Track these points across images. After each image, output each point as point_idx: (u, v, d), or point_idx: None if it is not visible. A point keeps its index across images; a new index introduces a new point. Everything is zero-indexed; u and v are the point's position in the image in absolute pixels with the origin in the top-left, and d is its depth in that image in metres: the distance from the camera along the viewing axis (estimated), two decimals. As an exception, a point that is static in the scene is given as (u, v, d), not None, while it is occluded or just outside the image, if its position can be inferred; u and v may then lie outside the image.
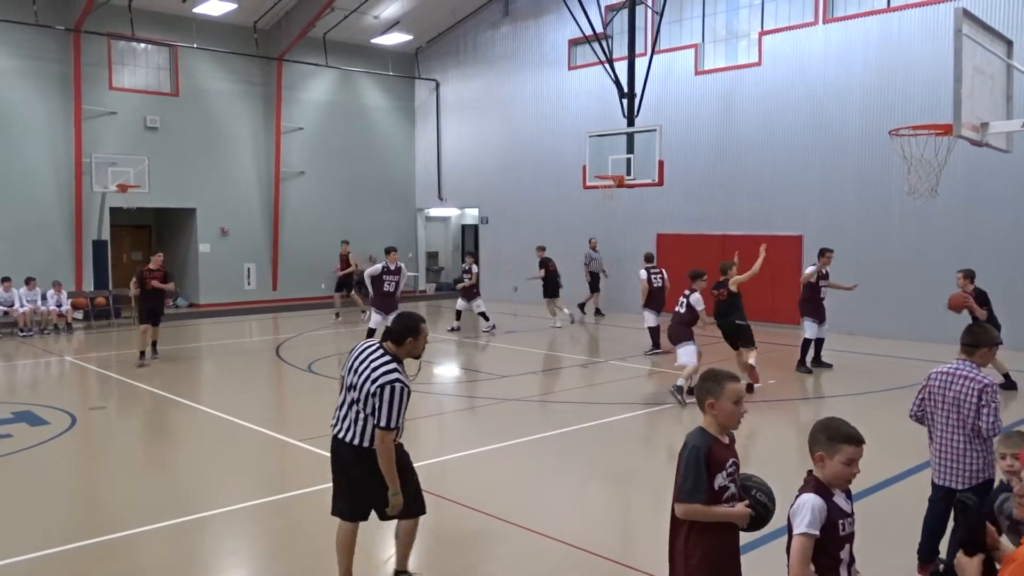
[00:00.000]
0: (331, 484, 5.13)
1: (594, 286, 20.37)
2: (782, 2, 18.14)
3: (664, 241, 20.00)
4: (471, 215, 27.31)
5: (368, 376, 4.76)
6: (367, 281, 14.48)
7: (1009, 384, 11.17)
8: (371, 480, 4.84)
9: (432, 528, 6.54)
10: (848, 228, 16.76)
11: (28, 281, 17.96)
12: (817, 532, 3.28)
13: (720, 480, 3.63)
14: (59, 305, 18.20)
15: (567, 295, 20.36)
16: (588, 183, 16.31)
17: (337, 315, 20.14)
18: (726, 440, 3.73)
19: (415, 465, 8.12)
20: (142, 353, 13.81)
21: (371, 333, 13.55)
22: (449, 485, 7.48)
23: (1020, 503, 3.23)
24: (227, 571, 5.98)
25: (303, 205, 24.39)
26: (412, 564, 5.46)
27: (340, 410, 4.97)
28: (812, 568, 3.30)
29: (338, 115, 25.06)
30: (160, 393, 11.51)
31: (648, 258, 15.46)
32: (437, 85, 26.19)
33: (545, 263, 19.43)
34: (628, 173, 15.58)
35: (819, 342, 13.21)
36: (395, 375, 4.75)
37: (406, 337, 4.89)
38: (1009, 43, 7.23)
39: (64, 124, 20.23)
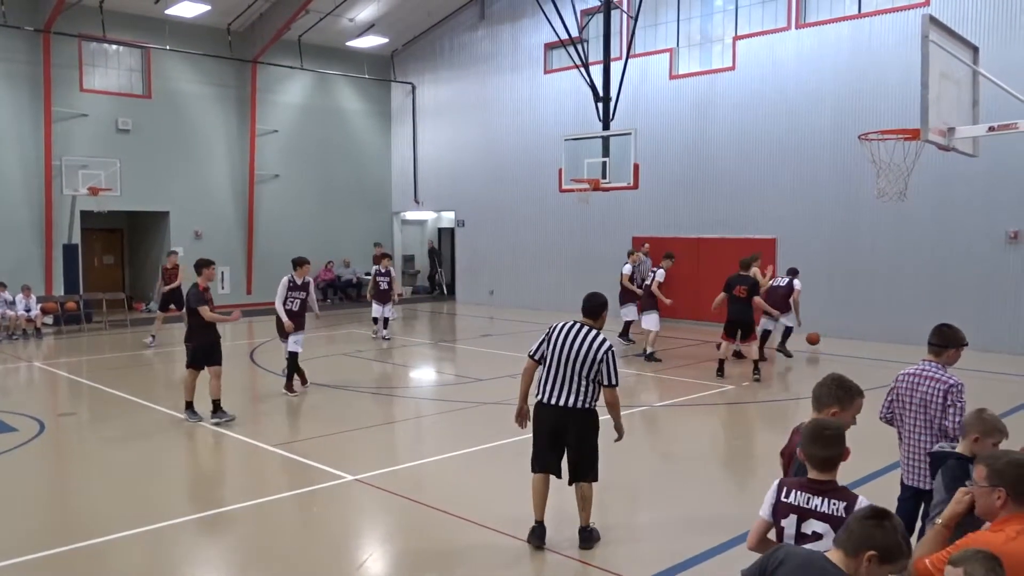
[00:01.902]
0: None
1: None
2: (756, 7, 18.31)
3: (640, 244, 20.08)
4: (447, 218, 27.27)
5: (590, 347, 5.76)
6: (278, 304, 11.54)
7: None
8: (588, 437, 5.91)
9: (409, 533, 6.53)
10: (821, 230, 16.93)
11: (-4, 285, 17.67)
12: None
13: None
14: (28, 310, 17.90)
15: (543, 298, 20.35)
16: (564, 186, 16.35)
17: (153, 337, 16.47)
18: None
19: (396, 468, 8.13)
20: (188, 404, 10.12)
21: (294, 357, 11.50)
22: (426, 490, 7.46)
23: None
24: (199, 578, 5.92)
25: (278, 208, 24.23)
26: (385, 567, 5.43)
27: (556, 383, 5.82)
28: None
29: (313, 118, 24.94)
30: (131, 399, 11.38)
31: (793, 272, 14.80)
32: (413, 88, 26.14)
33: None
34: (604, 176, 15.62)
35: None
36: (609, 343, 5.85)
37: (601, 311, 5.96)
38: (975, 49, 7.35)
39: (33, 126, 19.95)
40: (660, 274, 14.61)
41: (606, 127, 16.62)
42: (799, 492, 3.44)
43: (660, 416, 10.61)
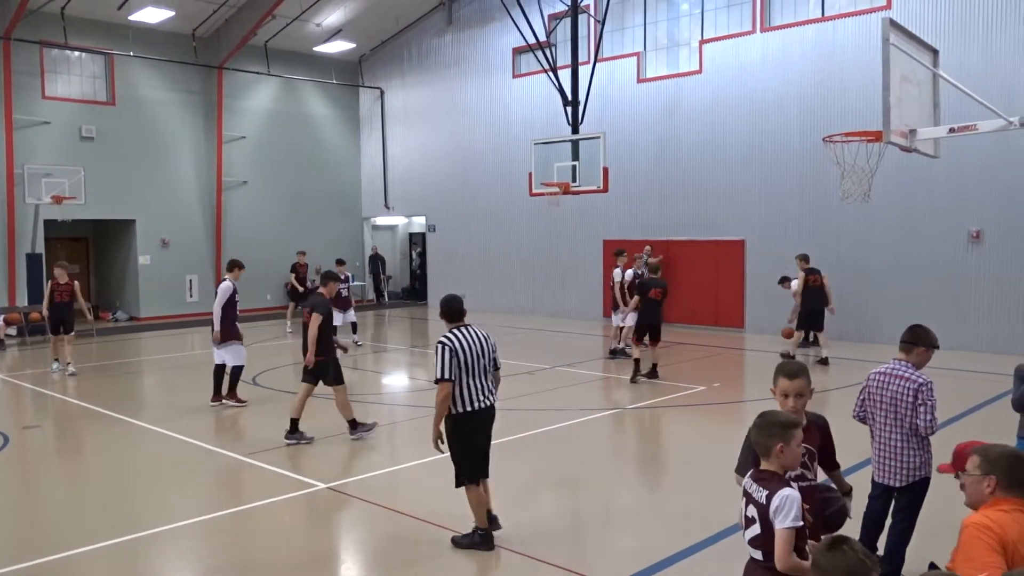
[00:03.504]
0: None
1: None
2: (721, 11, 18.49)
3: (610, 246, 20.17)
4: (418, 223, 27.21)
5: (487, 342, 6.12)
6: (219, 305, 10.96)
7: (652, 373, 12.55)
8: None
9: (383, 540, 6.49)
10: (788, 231, 17.12)
11: (-43, 297, 17.29)
12: (801, 523, 3.44)
13: None
14: (-9, 321, 17.55)
15: (516, 301, 20.25)
16: (534, 190, 16.39)
17: (57, 361, 14.19)
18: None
19: (369, 475, 8.07)
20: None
21: (222, 370, 11.21)
22: (400, 496, 7.43)
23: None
24: (170, 591, 5.84)
25: (246, 215, 24.01)
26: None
27: (481, 387, 6.02)
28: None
29: (281, 124, 24.76)
30: (98, 410, 11.20)
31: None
32: (382, 93, 26.06)
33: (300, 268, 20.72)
34: (573, 180, 15.69)
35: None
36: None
37: (463, 312, 6.26)
38: (935, 52, 7.48)
39: (-6, 134, 19.61)
40: (620, 274, 14.52)
41: (575, 131, 16.70)
42: (750, 479, 3.67)
43: (632, 418, 10.65)
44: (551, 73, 17.19)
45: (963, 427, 9.27)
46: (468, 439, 6.01)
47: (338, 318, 16.56)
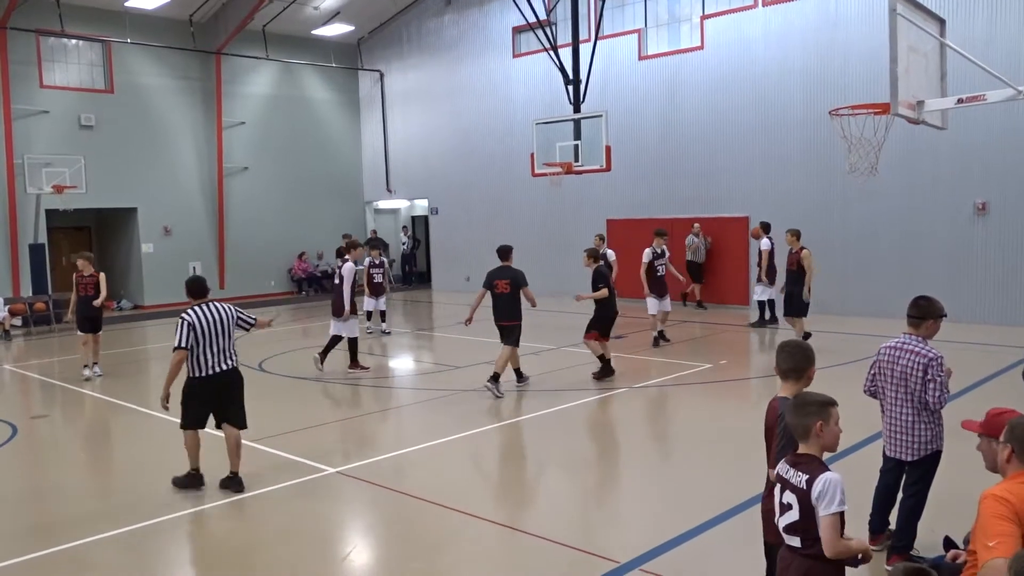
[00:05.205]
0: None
1: (696, 276, 18.29)
2: (722, -14, 18.30)
3: (613, 226, 20.12)
4: (420, 206, 27.14)
5: (228, 314, 7.16)
6: (348, 285, 12.18)
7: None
8: (243, 389, 7.35)
9: (392, 523, 6.49)
10: (793, 206, 17.01)
11: (-38, 288, 17.28)
12: (846, 506, 3.37)
13: None
14: (-4, 312, 17.53)
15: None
16: (536, 171, 16.27)
17: (93, 366, 12.70)
18: None
19: (377, 459, 8.08)
20: None
21: (339, 340, 12.53)
22: (408, 479, 7.43)
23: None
24: (182, 578, 5.85)
25: (248, 201, 23.95)
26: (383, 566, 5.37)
27: (217, 354, 7.04)
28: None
29: (281, 109, 24.64)
30: (105, 399, 11.22)
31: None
32: (381, 76, 25.90)
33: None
34: (576, 159, 15.57)
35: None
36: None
37: (206, 290, 7.32)
38: (942, 22, 7.38)
39: (-7, 125, 19.54)
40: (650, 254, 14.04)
41: (577, 110, 16.56)
42: (784, 464, 3.59)
43: (640, 397, 10.64)
44: (552, 52, 17.03)
45: (971, 400, 9.25)
46: (196, 397, 7.11)
47: (370, 303, 16.47)
